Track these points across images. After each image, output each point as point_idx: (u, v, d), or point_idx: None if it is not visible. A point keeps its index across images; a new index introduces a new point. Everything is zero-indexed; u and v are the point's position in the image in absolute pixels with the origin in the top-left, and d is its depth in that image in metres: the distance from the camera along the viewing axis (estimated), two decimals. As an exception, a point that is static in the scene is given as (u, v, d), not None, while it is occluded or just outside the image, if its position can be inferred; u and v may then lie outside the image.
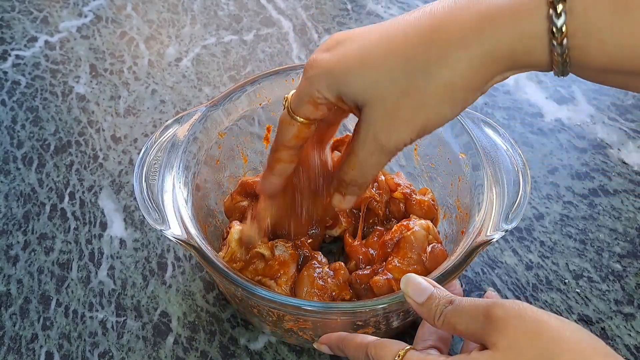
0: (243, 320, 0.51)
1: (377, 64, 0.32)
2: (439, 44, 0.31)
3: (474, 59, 0.31)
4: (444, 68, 0.31)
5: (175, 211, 0.44)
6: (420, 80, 0.32)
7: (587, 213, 0.59)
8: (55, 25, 0.83)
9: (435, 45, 0.31)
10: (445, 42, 0.31)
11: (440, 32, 0.31)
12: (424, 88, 0.32)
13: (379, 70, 0.32)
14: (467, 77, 0.31)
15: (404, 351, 0.34)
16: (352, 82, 0.33)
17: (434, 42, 0.31)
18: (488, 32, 0.30)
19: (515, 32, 0.30)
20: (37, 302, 0.53)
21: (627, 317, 0.51)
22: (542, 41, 0.29)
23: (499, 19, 0.30)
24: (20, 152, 0.66)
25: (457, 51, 0.31)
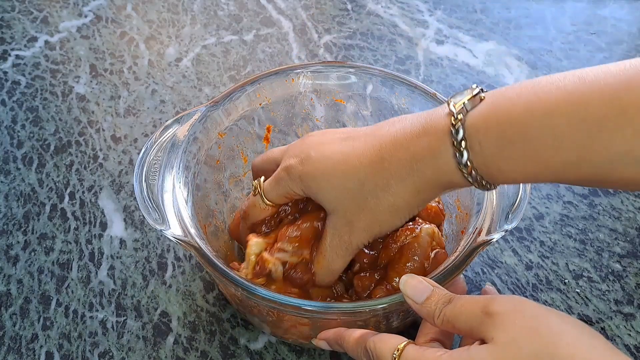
0: (243, 320, 0.51)
1: (339, 183, 0.40)
2: (383, 174, 0.38)
3: (409, 188, 0.38)
4: (388, 194, 0.38)
5: (175, 211, 0.44)
6: (371, 201, 0.39)
7: (587, 213, 0.59)
8: (55, 25, 0.83)
9: (380, 175, 0.38)
10: (388, 173, 0.38)
11: (384, 164, 0.38)
12: (375, 207, 0.39)
13: (340, 188, 0.40)
14: (407, 200, 0.39)
15: (403, 345, 0.34)
16: (319, 195, 0.41)
17: (380, 172, 0.38)
18: (417, 168, 0.37)
19: (435, 169, 0.36)
20: (37, 302, 0.53)
21: (627, 317, 0.51)
22: (457, 173, 0.36)
23: (421, 159, 0.37)
24: (20, 152, 0.66)
25: (397, 183, 0.38)
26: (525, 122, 0.32)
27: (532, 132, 0.32)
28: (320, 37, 0.81)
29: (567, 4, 0.88)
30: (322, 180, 0.40)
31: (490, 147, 0.34)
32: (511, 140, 0.33)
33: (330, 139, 0.42)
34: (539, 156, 0.33)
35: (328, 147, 0.41)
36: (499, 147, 0.34)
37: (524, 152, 0.33)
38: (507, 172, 0.34)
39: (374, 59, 0.78)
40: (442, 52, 0.79)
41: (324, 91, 0.56)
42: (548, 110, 0.32)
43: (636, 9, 0.87)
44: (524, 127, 0.32)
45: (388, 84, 0.54)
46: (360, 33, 0.82)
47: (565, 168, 0.32)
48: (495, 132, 0.34)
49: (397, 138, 0.38)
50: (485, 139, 0.34)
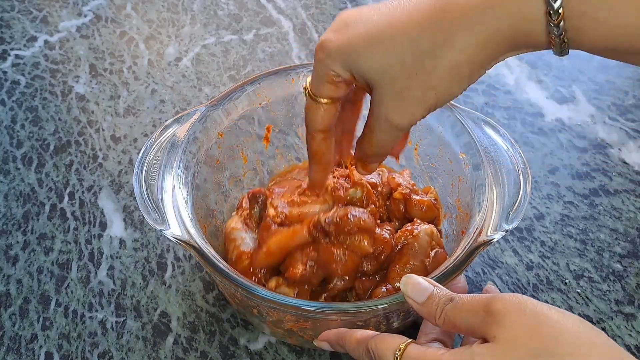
0: (243, 321, 0.51)
1: (385, 47, 0.34)
2: (443, 26, 0.32)
3: (478, 41, 0.32)
4: (449, 50, 0.32)
5: (175, 211, 0.44)
6: (428, 62, 0.33)
7: (587, 213, 0.59)
8: (54, 25, 0.83)
9: (440, 28, 0.32)
10: (450, 25, 0.32)
11: (445, 15, 0.32)
12: (432, 69, 0.33)
13: (387, 52, 0.34)
14: (472, 58, 0.33)
15: (405, 345, 0.34)
16: (362, 63, 0.35)
17: (439, 25, 0.32)
18: (490, 14, 0.31)
19: (515, 15, 0.31)
20: (36, 302, 0.52)
21: (627, 317, 0.51)
22: (540, 23, 0.30)
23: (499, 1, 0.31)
24: (19, 152, 0.66)
25: (462, 33, 0.32)
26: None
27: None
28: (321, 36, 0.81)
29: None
30: (364, 47, 0.34)
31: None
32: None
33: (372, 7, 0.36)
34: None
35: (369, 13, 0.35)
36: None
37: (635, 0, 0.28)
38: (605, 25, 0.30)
39: (374, 58, 0.78)
40: (443, 52, 0.79)
41: (324, 91, 0.56)
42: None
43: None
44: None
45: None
46: (361, 33, 0.82)
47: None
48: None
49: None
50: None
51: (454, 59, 0.33)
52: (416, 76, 0.34)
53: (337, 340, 0.39)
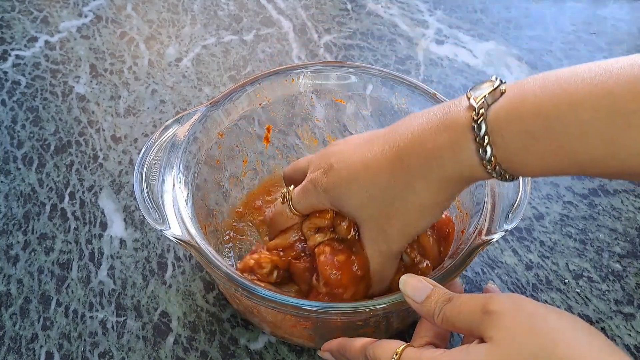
0: (243, 320, 0.51)
1: (362, 192, 0.39)
2: (405, 175, 0.37)
3: (433, 186, 0.37)
4: (412, 195, 0.38)
5: (176, 211, 0.44)
6: (397, 204, 0.38)
7: (587, 213, 0.59)
8: (55, 25, 0.83)
9: (402, 177, 0.37)
10: (409, 174, 0.37)
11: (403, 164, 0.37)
12: (404, 210, 0.38)
13: (364, 197, 0.39)
14: (432, 198, 0.38)
15: (401, 349, 0.34)
16: (345, 203, 0.41)
17: (401, 174, 0.37)
18: (436, 166, 0.36)
19: (457, 164, 0.35)
20: (37, 302, 0.53)
21: (627, 317, 0.51)
22: (480, 168, 0.35)
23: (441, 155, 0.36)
24: (20, 152, 0.66)
25: (419, 181, 0.37)
26: (551, 116, 0.31)
27: (558, 126, 0.31)
28: (320, 37, 0.81)
29: (567, 4, 0.88)
30: (346, 191, 0.40)
31: (514, 142, 0.33)
32: (536, 134, 0.32)
33: (351, 146, 0.41)
34: (564, 151, 0.32)
35: (348, 156, 0.40)
36: (523, 141, 0.33)
37: (549, 147, 0.32)
38: (532, 167, 0.34)
39: (374, 59, 0.78)
40: (442, 52, 0.79)
41: (324, 91, 0.56)
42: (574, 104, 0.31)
43: (636, 9, 0.87)
44: (550, 121, 0.31)
45: (388, 84, 0.54)
46: (360, 33, 0.82)
47: (592, 162, 0.32)
48: (519, 127, 0.33)
49: (414, 135, 0.37)
50: (508, 133, 0.33)
51: (418, 202, 0.38)
52: (393, 216, 0.39)
53: (339, 349, 0.40)
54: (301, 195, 0.43)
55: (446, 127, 0.35)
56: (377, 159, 0.39)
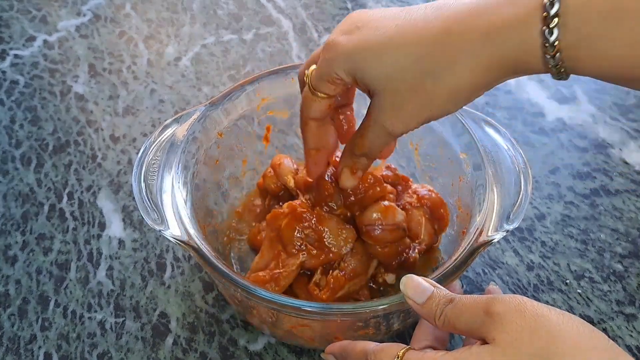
0: (242, 321, 0.50)
1: (391, 59, 0.35)
2: (448, 48, 0.33)
3: (479, 66, 0.33)
4: (450, 74, 0.34)
5: (174, 211, 0.44)
6: (429, 82, 0.34)
7: (588, 213, 0.58)
8: (53, 25, 0.83)
9: (444, 50, 0.33)
10: (454, 48, 0.33)
11: (450, 38, 0.33)
12: (432, 89, 0.35)
13: (392, 65, 0.35)
14: (472, 82, 0.34)
15: (403, 352, 0.34)
16: (367, 70, 0.36)
17: (444, 47, 0.33)
18: (491, 42, 0.32)
19: (514, 44, 0.32)
20: (35, 303, 0.52)
21: (628, 317, 0.51)
22: (538, 53, 0.32)
23: (501, 31, 0.32)
24: (18, 151, 0.66)
25: (464, 58, 0.33)
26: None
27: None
28: (320, 36, 0.81)
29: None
30: (370, 56, 0.35)
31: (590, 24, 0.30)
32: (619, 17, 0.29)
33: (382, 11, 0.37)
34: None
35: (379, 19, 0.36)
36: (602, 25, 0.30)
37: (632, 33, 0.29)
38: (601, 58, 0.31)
39: (374, 58, 0.78)
40: (443, 52, 0.79)
41: (324, 91, 0.56)
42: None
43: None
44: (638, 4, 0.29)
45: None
46: (360, 32, 0.82)
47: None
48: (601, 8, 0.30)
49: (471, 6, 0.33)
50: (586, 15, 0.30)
51: (454, 83, 0.34)
52: (416, 93, 0.35)
53: (341, 352, 0.40)
54: (319, 65, 0.38)
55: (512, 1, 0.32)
56: (417, 26, 0.34)
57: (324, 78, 0.38)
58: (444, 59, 0.34)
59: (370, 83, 0.36)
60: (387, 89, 0.36)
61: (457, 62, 0.33)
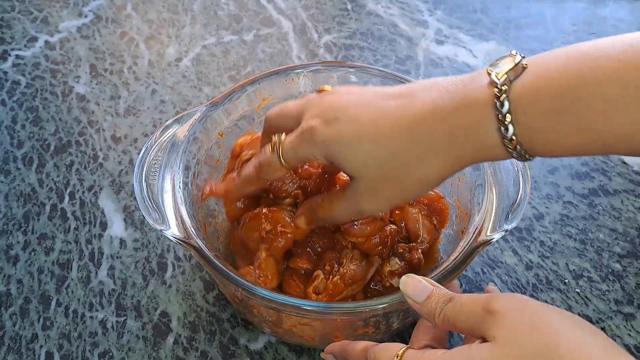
0: (243, 320, 0.51)
1: (367, 152, 0.37)
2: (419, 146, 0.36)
3: (445, 161, 0.36)
4: (421, 166, 0.37)
5: (175, 211, 0.44)
6: (402, 172, 0.37)
7: (587, 213, 0.59)
8: (55, 25, 0.83)
9: (415, 147, 0.36)
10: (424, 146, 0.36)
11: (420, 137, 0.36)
12: (405, 178, 0.38)
13: (368, 157, 0.38)
14: (439, 173, 0.37)
15: (402, 351, 0.34)
16: (344, 160, 0.38)
17: (415, 145, 0.36)
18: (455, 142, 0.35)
19: (476, 142, 0.35)
20: (37, 302, 0.53)
21: (627, 317, 0.51)
22: (500, 147, 0.34)
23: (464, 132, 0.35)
24: (20, 152, 0.66)
25: (433, 155, 0.36)
26: (576, 92, 0.31)
27: (584, 103, 0.31)
28: (320, 37, 0.81)
29: (567, 4, 0.88)
30: (348, 147, 0.38)
31: (537, 120, 0.33)
32: (561, 112, 0.32)
33: (357, 98, 0.39)
34: (590, 128, 0.31)
35: (356, 111, 0.38)
36: (548, 119, 0.32)
37: (574, 124, 0.32)
38: (554, 145, 0.33)
39: (374, 59, 0.78)
40: (442, 52, 0.79)
41: (324, 91, 0.56)
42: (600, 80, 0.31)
43: (636, 9, 0.87)
44: (575, 98, 0.31)
45: (388, 84, 0.54)
46: (360, 33, 0.82)
47: (617, 140, 0.31)
48: (544, 104, 0.32)
49: (435, 108, 0.36)
50: (532, 111, 0.33)
51: (424, 175, 0.37)
52: (390, 182, 0.38)
53: (341, 352, 0.40)
54: (295, 145, 0.40)
55: (467, 103, 0.35)
56: (389, 121, 0.37)
57: (299, 158, 0.41)
58: (414, 154, 0.37)
59: (347, 171, 0.39)
60: (364, 177, 0.39)
61: (426, 158, 0.37)
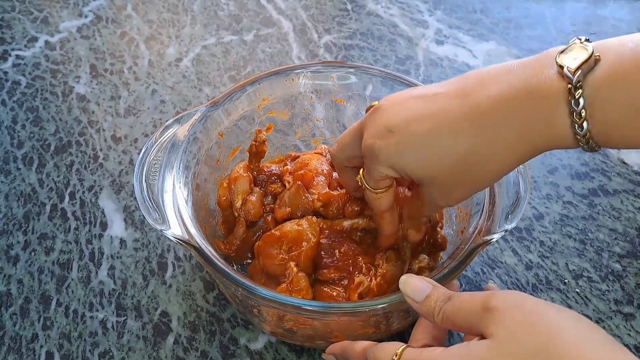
0: (243, 320, 0.51)
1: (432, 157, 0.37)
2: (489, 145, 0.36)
3: (516, 154, 0.36)
4: (492, 163, 0.36)
5: (176, 211, 0.44)
6: (474, 171, 0.37)
7: (586, 213, 0.59)
8: (55, 26, 0.83)
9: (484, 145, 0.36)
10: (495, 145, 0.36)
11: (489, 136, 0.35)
12: (479, 177, 0.38)
13: (435, 162, 0.37)
14: (510, 166, 0.37)
15: (401, 350, 0.34)
16: (411, 171, 0.38)
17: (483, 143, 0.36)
18: (528, 138, 0.35)
19: (549, 137, 0.34)
20: (37, 302, 0.53)
21: (626, 317, 0.51)
22: (572, 141, 0.34)
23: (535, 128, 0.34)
24: (20, 152, 0.66)
25: (506, 152, 0.36)
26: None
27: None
28: (320, 37, 0.81)
29: (567, 4, 0.88)
30: (412, 159, 0.38)
31: (615, 115, 0.32)
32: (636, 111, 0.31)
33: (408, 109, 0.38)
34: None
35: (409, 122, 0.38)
36: (626, 116, 0.31)
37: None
38: (629, 138, 0.32)
39: (374, 59, 0.78)
40: (442, 52, 0.79)
41: (324, 91, 0.56)
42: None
43: (636, 9, 0.87)
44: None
45: (388, 84, 0.54)
46: (360, 33, 0.82)
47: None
48: (622, 100, 0.31)
49: (499, 104, 0.35)
50: (609, 108, 0.32)
51: (496, 167, 0.37)
52: (464, 182, 0.38)
53: (341, 352, 0.40)
54: (366, 173, 0.42)
55: (535, 99, 0.34)
56: (449, 122, 0.36)
57: (374, 178, 0.41)
58: (484, 153, 0.36)
59: (417, 179, 0.39)
60: (435, 183, 0.39)
61: (497, 153, 0.36)
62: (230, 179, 0.52)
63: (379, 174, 0.40)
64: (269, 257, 0.46)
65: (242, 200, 0.50)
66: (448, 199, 0.40)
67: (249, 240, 0.51)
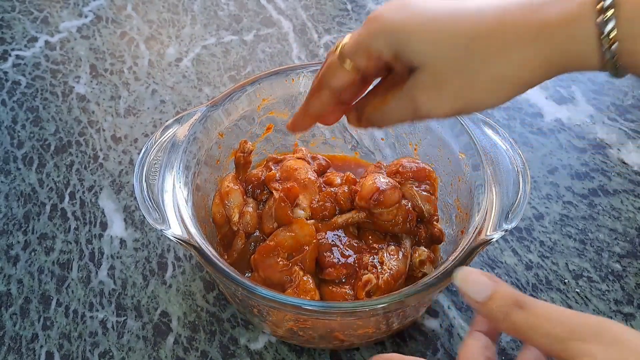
0: (243, 320, 0.51)
1: (443, 35, 0.33)
2: (502, 37, 0.32)
3: (528, 61, 0.32)
4: (499, 60, 0.33)
5: (176, 211, 0.44)
6: (477, 64, 0.33)
7: (586, 213, 0.59)
8: (55, 26, 0.83)
9: (497, 38, 0.32)
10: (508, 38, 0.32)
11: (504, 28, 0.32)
12: (478, 72, 0.33)
13: (439, 44, 0.34)
14: (518, 75, 0.33)
15: None
16: (412, 44, 0.34)
17: (497, 35, 0.33)
18: (543, 37, 0.32)
19: (567, 38, 0.31)
20: (37, 302, 0.53)
21: (626, 317, 0.51)
22: (593, 46, 0.31)
23: (554, 25, 0.31)
24: (20, 152, 0.66)
25: (516, 49, 0.32)
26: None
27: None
28: (320, 37, 0.81)
29: None
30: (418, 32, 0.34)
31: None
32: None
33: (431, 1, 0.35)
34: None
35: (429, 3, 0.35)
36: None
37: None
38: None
39: (374, 59, 0.78)
40: (442, 52, 0.79)
41: (324, 91, 0.56)
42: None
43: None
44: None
45: (388, 84, 0.54)
46: (360, 33, 0.82)
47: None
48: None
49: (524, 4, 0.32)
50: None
51: (501, 71, 0.33)
52: (460, 74, 0.34)
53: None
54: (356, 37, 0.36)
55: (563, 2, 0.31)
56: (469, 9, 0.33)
57: (361, 50, 0.36)
58: (495, 45, 0.33)
59: (413, 57, 0.35)
60: (431, 64, 0.34)
61: (508, 51, 0.32)
62: (221, 194, 0.51)
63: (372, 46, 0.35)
64: (270, 267, 0.46)
65: (239, 214, 0.50)
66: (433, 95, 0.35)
67: (247, 252, 0.50)
